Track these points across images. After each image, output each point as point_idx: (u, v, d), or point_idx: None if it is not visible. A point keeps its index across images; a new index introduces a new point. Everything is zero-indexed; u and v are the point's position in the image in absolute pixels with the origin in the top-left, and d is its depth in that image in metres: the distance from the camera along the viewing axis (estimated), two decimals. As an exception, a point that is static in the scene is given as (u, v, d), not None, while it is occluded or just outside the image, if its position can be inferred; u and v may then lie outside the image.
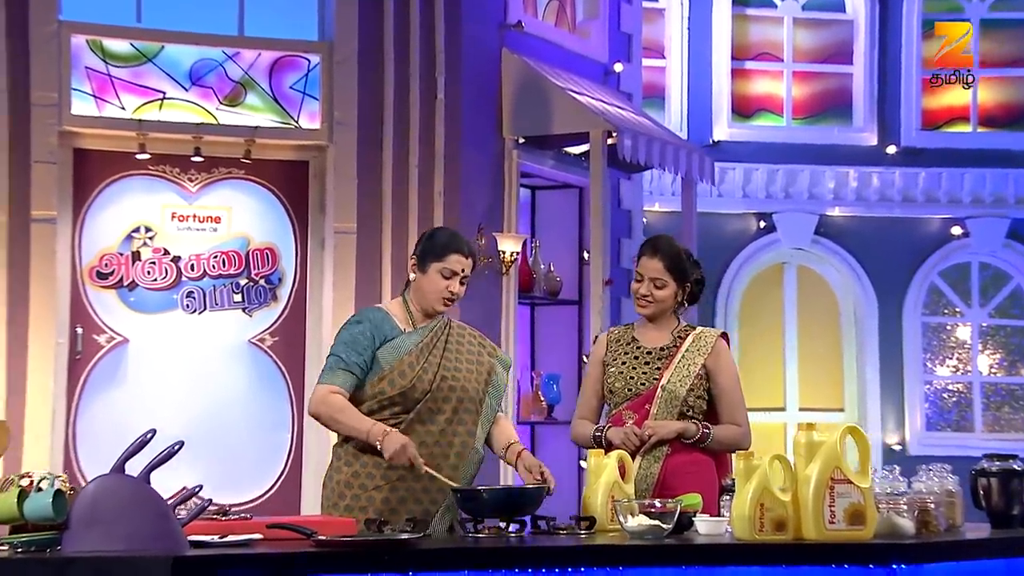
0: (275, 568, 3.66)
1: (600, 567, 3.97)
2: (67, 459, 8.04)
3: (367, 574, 3.76)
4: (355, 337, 4.79)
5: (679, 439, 4.98)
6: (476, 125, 8.81)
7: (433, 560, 3.84)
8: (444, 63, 8.60)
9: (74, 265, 8.10)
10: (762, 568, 4.09)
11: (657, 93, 12.89)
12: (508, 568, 3.89)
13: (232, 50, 8.30)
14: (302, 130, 8.39)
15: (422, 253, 4.93)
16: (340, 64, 8.39)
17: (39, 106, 7.94)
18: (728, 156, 12.78)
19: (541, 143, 9.20)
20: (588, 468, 4.65)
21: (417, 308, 4.92)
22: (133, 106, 8.15)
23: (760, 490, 4.16)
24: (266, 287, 8.38)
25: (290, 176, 8.46)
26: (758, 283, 13.08)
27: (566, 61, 9.74)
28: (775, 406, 12.97)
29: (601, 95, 9.70)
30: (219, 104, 8.27)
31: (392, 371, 4.77)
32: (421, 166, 8.52)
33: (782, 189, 13.01)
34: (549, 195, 10.03)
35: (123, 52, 8.18)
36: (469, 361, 4.92)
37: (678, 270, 5.11)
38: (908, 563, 4.13)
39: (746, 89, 13.20)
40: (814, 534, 4.15)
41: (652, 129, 9.68)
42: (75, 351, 8.06)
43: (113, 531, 3.67)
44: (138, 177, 8.25)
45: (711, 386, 5.08)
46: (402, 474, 4.72)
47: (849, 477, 4.16)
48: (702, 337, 5.13)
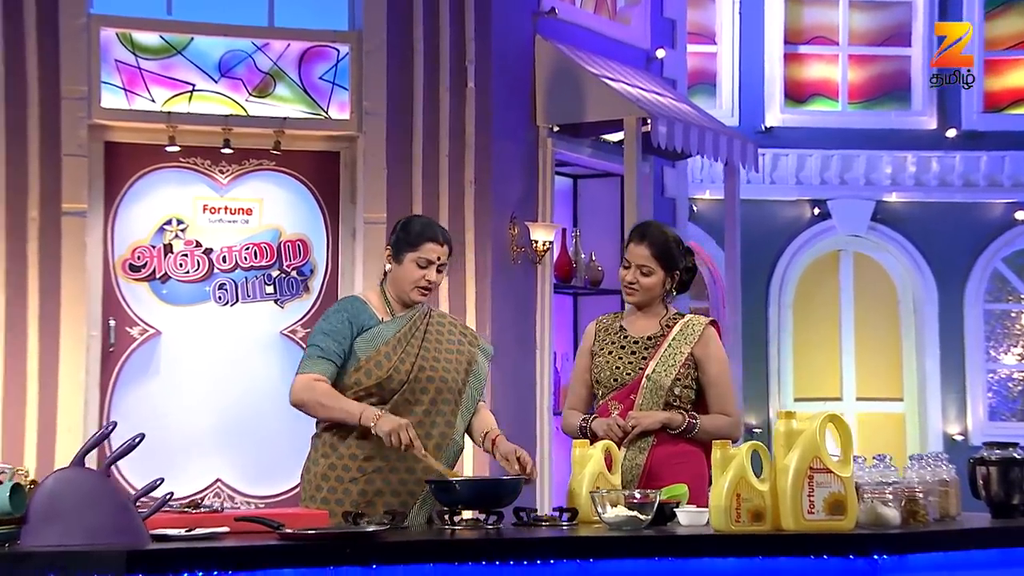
0: (232, 562, 3.61)
1: (569, 559, 3.90)
2: (100, 451, 8.08)
3: (329, 568, 3.71)
4: (334, 327, 4.75)
5: (664, 430, 4.89)
6: (508, 113, 8.74)
7: (396, 553, 3.79)
8: (475, 51, 8.54)
9: (106, 258, 8.14)
10: (739, 559, 4.00)
11: (708, 80, 12.79)
12: (473, 561, 3.83)
13: (261, 41, 8.30)
14: (332, 120, 8.37)
15: (396, 243, 4.87)
16: (369, 53, 8.37)
17: (69, 99, 7.98)
18: (781, 142, 12.65)
19: (576, 131, 9.12)
20: (573, 459, 4.58)
21: (395, 297, 4.87)
22: (163, 98, 8.18)
23: (737, 480, 4.07)
24: (298, 278, 8.38)
25: (321, 167, 8.45)
26: (813, 271, 12.92)
27: (605, 48, 9.65)
28: (831, 396, 12.81)
29: (641, 82, 9.60)
30: (248, 95, 8.28)
31: (368, 361, 4.71)
32: (451, 155, 8.47)
33: (837, 175, 12.84)
34: (590, 183, 9.95)
35: (153, 44, 8.21)
36: (449, 351, 4.86)
37: (666, 257, 5.02)
38: (891, 553, 4.02)
39: (799, 74, 13.04)
40: (792, 524, 4.06)
41: (692, 116, 9.56)
42: (108, 344, 8.11)
43: (73, 525, 3.65)
44: (169, 169, 8.27)
45: (700, 375, 4.98)
46: (379, 466, 4.68)
47: (829, 466, 4.07)
48: (690, 325, 5.03)
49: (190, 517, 4.03)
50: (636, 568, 3.95)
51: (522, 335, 8.64)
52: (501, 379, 8.38)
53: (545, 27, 9.04)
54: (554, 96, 8.93)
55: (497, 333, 8.37)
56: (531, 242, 8.66)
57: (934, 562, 4.15)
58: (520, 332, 8.64)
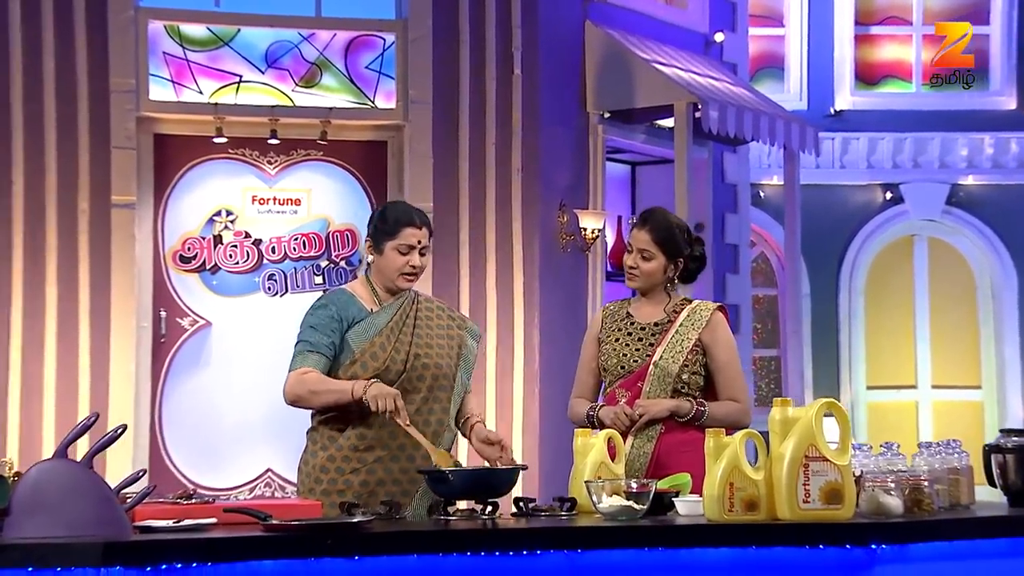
0: (210, 553, 3.58)
1: (557, 549, 3.83)
2: (153, 441, 8.17)
3: (310, 559, 3.67)
4: (321, 321, 4.67)
5: (673, 417, 4.80)
6: (556, 100, 8.68)
7: (379, 544, 3.74)
8: (521, 37, 8.49)
9: (157, 250, 8.21)
10: (732, 549, 3.91)
11: (775, 63, 12.63)
12: (459, 552, 3.77)
13: (307, 31, 8.32)
14: (378, 110, 8.37)
15: (374, 234, 4.77)
16: (415, 42, 8.35)
17: (118, 92, 8.05)
18: (851, 126, 12.46)
19: (627, 117, 9.04)
20: (575, 448, 4.51)
21: (381, 286, 4.80)
22: (210, 90, 8.22)
23: (730, 469, 3.98)
24: (346, 268, 8.39)
25: (368, 156, 8.45)
26: (885, 256, 12.71)
27: (661, 32, 9.56)
28: (906, 384, 12.60)
29: (697, 67, 9.50)
30: (295, 86, 8.30)
31: (363, 354, 4.64)
32: (498, 143, 8.43)
33: (910, 158, 12.62)
34: (648, 170, 9.87)
35: (200, 36, 8.25)
36: (440, 336, 4.80)
37: (667, 243, 4.92)
38: (890, 543, 3.91)
39: (871, 55, 12.82)
40: (788, 514, 3.96)
41: (749, 100, 9.43)
42: (159, 335, 8.17)
43: (55, 517, 3.64)
44: (218, 161, 8.32)
45: (708, 361, 4.89)
46: (379, 456, 4.63)
47: (825, 454, 3.97)
48: (697, 311, 4.93)
49: (178, 508, 4.01)
50: (626, 559, 3.86)
51: (572, 324, 8.58)
52: (548, 368, 8.33)
53: (595, 13, 8.97)
54: (604, 82, 8.85)
55: (545, 323, 8.33)
56: (580, 230, 8.59)
57: (939, 552, 4.03)
58: (570, 321, 8.57)
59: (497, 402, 8.33)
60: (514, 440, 8.24)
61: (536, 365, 8.35)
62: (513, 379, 8.35)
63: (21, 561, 3.49)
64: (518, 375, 8.35)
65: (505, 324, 8.37)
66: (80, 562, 3.47)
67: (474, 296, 8.34)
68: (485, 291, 8.36)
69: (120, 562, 3.49)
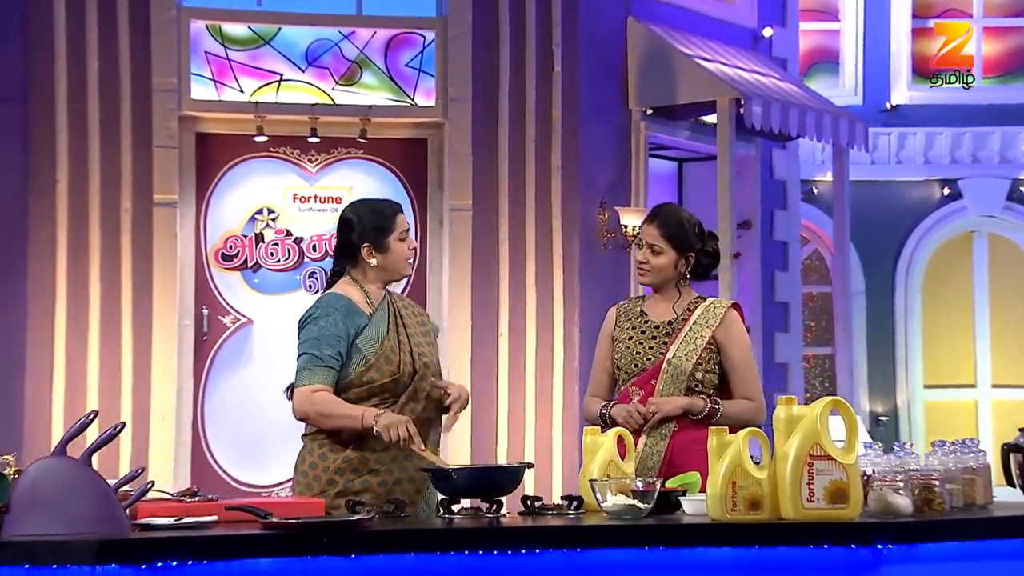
0: (206, 551, 3.57)
1: (556, 548, 3.79)
2: (195, 438, 8.21)
3: (306, 557, 3.66)
4: (327, 330, 4.57)
5: (686, 415, 4.74)
6: (597, 97, 8.64)
7: (376, 543, 3.71)
8: (561, 34, 8.47)
9: (199, 248, 8.25)
10: (734, 549, 3.85)
11: (830, 58, 12.49)
12: (456, 550, 3.74)
13: (347, 29, 8.33)
14: (417, 107, 8.37)
15: (372, 234, 4.65)
16: (455, 39, 8.34)
17: (160, 92, 8.10)
18: (908, 120, 12.30)
19: (670, 113, 8.98)
20: (584, 446, 4.46)
21: (374, 285, 4.70)
22: (251, 89, 8.25)
23: (733, 467, 3.92)
24: (408, 263, 8.38)
25: (408, 154, 8.45)
26: (943, 253, 12.53)
27: (707, 28, 9.49)
28: (964, 383, 12.42)
29: (743, 62, 9.43)
30: (335, 84, 8.31)
31: (378, 358, 4.58)
32: (538, 140, 8.41)
33: (969, 153, 12.43)
34: (695, 167, 9.81)
35: (241, 35, 8.29)
36: (423, 333, 4.76)
37: (677, 238, 4.86)
38: (896, 543, 3.83)
39: (929, 49, 12.63)
40: (791, 513, 3.89)
41: (796, 96, 9.34)
42: (201, 332, 8.21)
43: (54, 514, 3.64)
44: (260, 159, 8.36)
45: (722, 359, 4.82)
46: (395, 455, 4.58)
47: (830, 453, 3.90)
48: (711, 308, 4.86)
49: (180, 506, 4.01)
50: (628, 558, 3.81)
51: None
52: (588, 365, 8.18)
53: (638, 9, 8.92)
54: (647, 79, 8.80)
55: (585, 320, 8.29)
56: (621, 227, 8.54)
57: (949, 552, 3.94)
58: (612, 319, 8.51)
59: (537, 399, 8.30)
60: (553, 437, 8.21)
61: (576, 362, 8.31)
62: (553, 377, 8.32)
63: (17, 558, 3.49)
64: (558, 372, 8.32)
65: (545, 322, 8.34)
66: (76, 560, 3.46)
67: (513, 294, 8.32)
68: (524, 289, 8.34)
69: (115, 560, 3.47)
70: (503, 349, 8.28)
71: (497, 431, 8.23)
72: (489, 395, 8.21)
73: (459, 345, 8.24)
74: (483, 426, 8.19)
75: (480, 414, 8.18)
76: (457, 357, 8.23)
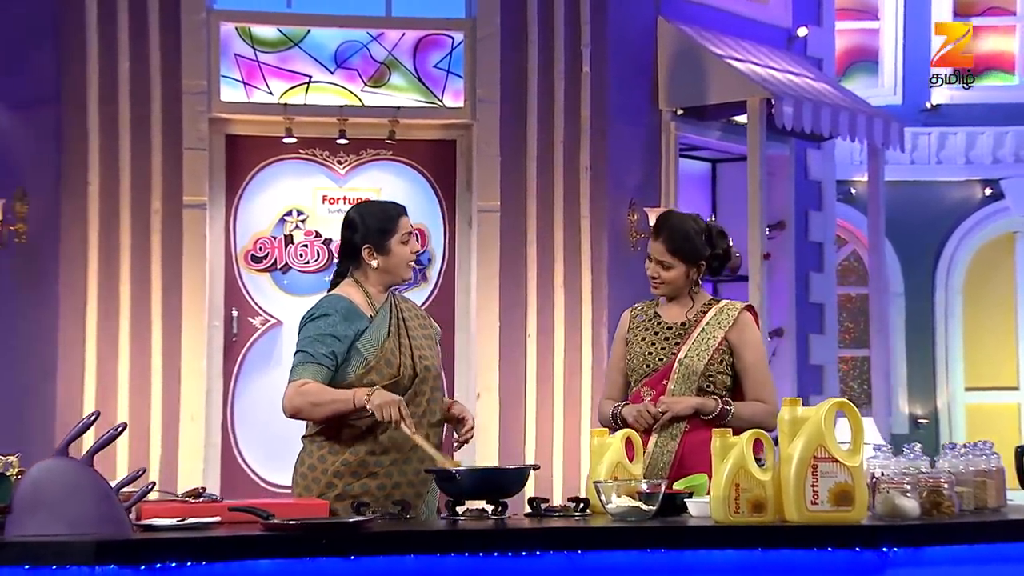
0: (204, 552, 3.56)
1: (555, 551, 3.77)
2: (224, 438, 8.24)
3: (306, 558, 3.65)
4: (321, 330, 4.58)
5: (697, 416, 4.71)
6: (627, 98, 8.60)
7: (375, 544, 3.70)
8: (590, 35, 8.44)
9: (229, 249, 8.28)
10: (737, 551, 3.82)
11: (869, 57, 12.39)
12: (456, 552, 3.73)
13: (376, 31, 8.34)
14: (445, 109, 8.37)
15: (374, 236, 4.65)
16: (483, 40, 8.33)
17: (189, 94, 8.13)
18: (948, 120, 12.19)
19: (701, 114, 8.93)
20: (591, 448, 4.44)
21: (376, 288, 4.69)
22: (280, 91, 8.27)
23: (736, 469, 3.89)
24: (416, 268, 8.37)
25: (437, 155, 8.45)
26: (985, 254, 12.40)
27: (739, 28, 9.44)
28: (1007, 385, 12.29)
29: (776, 62, 9.37)
30: (364, 86, 8.32)
31: (379, 361, 4.57)
32: (566, 141, 8.39)
33: (1012, 153, 12.30)
34: (729, 168, 9.74)
35: (271, 38, 8.31)
36: (425, 336, 4.75)
37: (684, 251, 4.83)
38: (902, 546, 3.79)
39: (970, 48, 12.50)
40: (795, 516, 3.86)
41: (829, 95, 9.27)
42: (231, 333, 8.24)
43: (55, 515, 3.65)
44: (289, 161, 8.38)
45: (735, 361, 4.79)
46: (395, 459, 4.58)
47: (834, 455, 3.86)
48: (725, 310, 4.83)
49: (185, 507, 4.02)
50: (629, 560, 3.79)
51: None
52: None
53: (668, 9, 8.88)
54: (677, 79, 8.76)
55: (613, 321, 8.18)
56: (650, 228, 8.47)
57: (957, 555, 3.90)
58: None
59: (565, 400, 8.28)
60: (582, 438, 8.19)
61: (604, 364, 8.26)
62: (581, 378, 8.30)
63: (17, 559, 3.51)
64: (586, 374, 8.30)
65: (573, 323, 8.32)
66: (74, 560, 3.47)
67: (542, 295, 8.30)
68: (553, 290, 8.31)
69: (113, 561, 3.48)
70: (531, 350, 8.26)
71: (525, 432, 8.21)
72: (517, 396, 8.20)
73: (487, 346, 8.23)
74: (511, 427, 8.18)
75: (508, 415, 8.17)
76: (485, 358, 8.22)
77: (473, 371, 8.24)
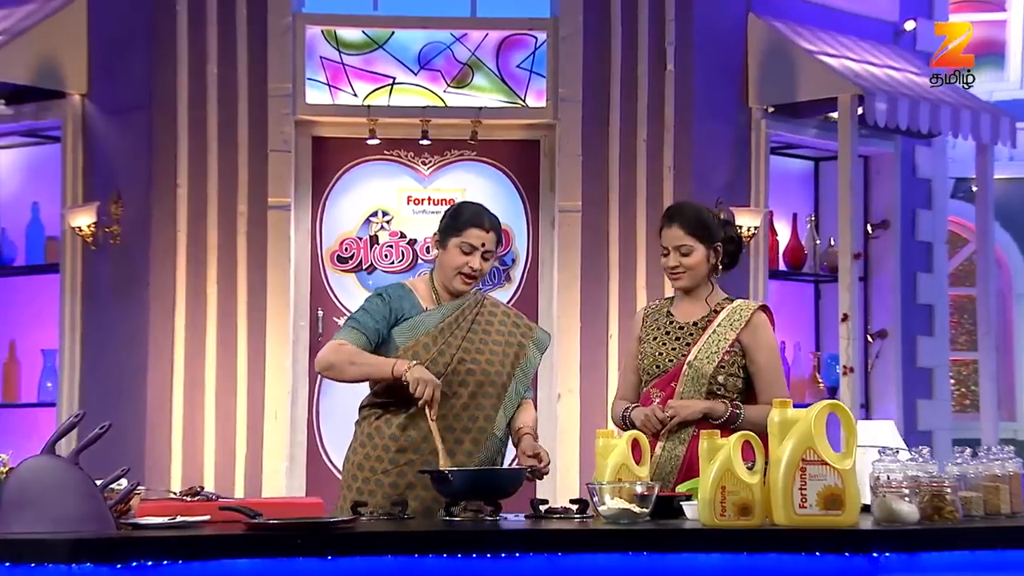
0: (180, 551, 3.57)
1: (536, 552, 3.71)
2: (310, 437, 8.31)
3: (282, 558, 3.65)
4: (373, 307, 4.65)
5: (707, 420, 4.58)
6: (713, 95, 8.47)
7: (352, 545, 3.68)
8: (675, 32, 8.33)
9: (315, 250, 8.35)
10: (723, 555, 3.72)
11: (996, 50, 12.04)
12: (435, 553, 3.69)
13: (460, 32, 8.33)
14: (527, 109, 8.33)
15: (443, 228, 4.70)
16: (565, 39, 8.28)
17: (275, 97, 8.22)
18: (1079, 115, 11.74)
19: (793, 111, 8.75)
20: (596, 450, 4.36)
21: (442, 286, 4.72)
22: (364, 92, 8.31)
23: (722, 472, 3.79)
24: (500, 268, 8.37)
25: (520, 156, 8.43)
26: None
27: (839, 22, 9.23)
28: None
29: (878, 57, 9.14)
30: (447, 86, 8.32)
31: (407, 351, 4.57)
32: (649, 140, 8.29)
33: None
34: (832, 166, 9.49)
35: (355, 40, 8.36)
36: (496, 342, 4.68)
37: (702, 231, 4.72)
38: (894, 551, 3.66)
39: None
40: (784, 519, 3.75)
41: (932, 91, 9.00)
42: (317, 333, 8.30)
43: (42, 513, 3.70)
44: (374, 162, 8.42)
45: (748, 363, 4.65)
46: (410, 459, 4.57)
47: (824, 458, 3.74)
48: (738, 310, 4.69)
49: (178, 505, 4.04)
50: (609, 563, 3.71)
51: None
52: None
53: (760, 5, 8.72)
54: (767, 76, 8.60)
55: (697, 321, 8.12)
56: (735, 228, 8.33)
57: (956, 562, 3.75)
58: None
59: (648, 403, 8.17)
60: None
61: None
62: (664, 380, 8.18)
63: (0, 556, 3.56)
64: (669, 376, 8.18)
65: (655, 324, 8.21)
66: (52, 558, 3.50)
67: (623, 296, 8.21)
68: (635, 291, 8.22)
69: (90, 559, 3.50)
70: (612, 351, 8.17)
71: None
72: (598, 398, 8.12)
73: (568, 347, 8.17)
74: (592, 428, 8.07)
75: (588, 416, 8.10)
76: (566, 359, 8.17)
77: (555, 372, 8.19)
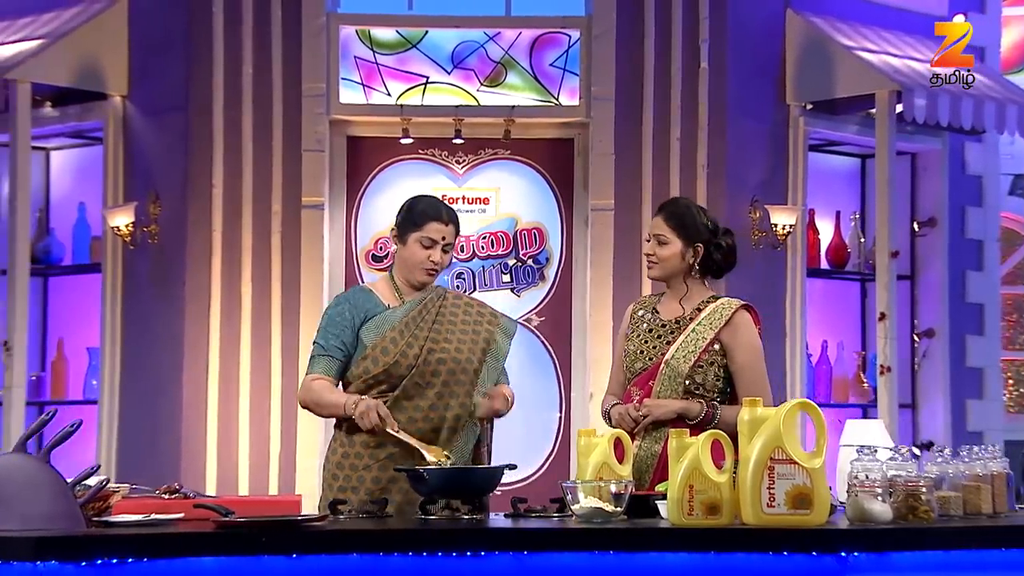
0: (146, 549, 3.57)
1: (502, 551, 3.70)
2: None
3: (248, 556, 3.65)
4: (332, 320, 4.70)
5: (682, 420, 4.53)
6: (748, 93, 8.38)
7: (318, 543, 3.68)
8: (709, 29, 8.26)
9: (349, 249, 8.37)
10: (690, 555, 3.68)
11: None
12: (400, 552, 3.68)
13: (493, 30, 8.32)
14: (560, 107, 8.30)
15: (400, 223, 4.77)
16: (599, 37, 8.24)
17: (309, 96, 8.25)
18: None
19: (832, 108, 8.64)
20: (578, 448, 4.34)
21: (404, 282, 4.76)
22: (397, 92, 8.32)
23: (691, 471, 3.76)
24: (534, 267, 8.35)
25: (555, 154, 8.40)
26: None
27: (883, 18, 9.10)
28: None
29: (923, 52, 8.99)
30: (480, 85, 8.31)
31: (375, 349, 4.63)
32: (683, 138, 8.23)
33: None
34: (877, 164, 9.39)
35: (389, 40, 8.37)
36: (464, 331, 4.72)
37: (682, 226, 4.67)
38: (863, 550, 3.61)
39: None
40: (752, 518, 3.71)
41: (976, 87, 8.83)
42: (352, 332, 8.31)
43: (10, 510, 3.72)
44: (409, 162, 8.42)
45: (728, 363, 4.60)
46: (391, 453, 4.60)
47: (792, 457, 3.69)
48: (719, 309, 4.65)
49: (155, 503, 4.06)
50: (575, 562, 3.69)
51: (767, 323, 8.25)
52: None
53: (798, 2, 8.62)
54: (805, 72, 8.49)
55: (732, 321, 8.05)
56: (771, 226, 8.27)
57: (927, 562, 3.69)
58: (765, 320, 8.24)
59: (684, 401, 8.11)
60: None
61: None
62: (698, 379, 8.12)
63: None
64: (700, 375, 8.11)
65: (687, 323, 8.15)
66: (16, 556, 3.51)
67: (657, 295, 8.15)
68: (667, 289, 8.15)
69: (55, 556, 3.51)
70: (644, 351, 8.11)
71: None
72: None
73: (600, 346, 8.12)
74: (623, 429, 8.06)
75: (620, 417, 8.04)
76: (598, 358, 8.12)
77: (588, 371, 8.15)
